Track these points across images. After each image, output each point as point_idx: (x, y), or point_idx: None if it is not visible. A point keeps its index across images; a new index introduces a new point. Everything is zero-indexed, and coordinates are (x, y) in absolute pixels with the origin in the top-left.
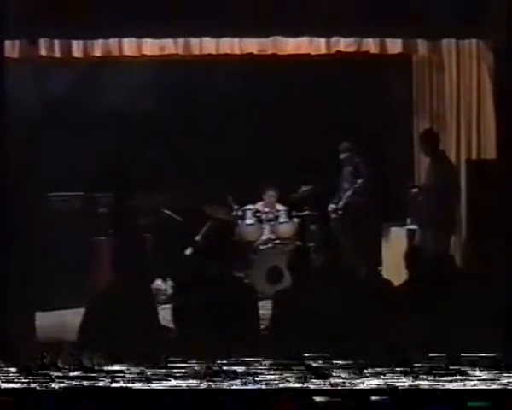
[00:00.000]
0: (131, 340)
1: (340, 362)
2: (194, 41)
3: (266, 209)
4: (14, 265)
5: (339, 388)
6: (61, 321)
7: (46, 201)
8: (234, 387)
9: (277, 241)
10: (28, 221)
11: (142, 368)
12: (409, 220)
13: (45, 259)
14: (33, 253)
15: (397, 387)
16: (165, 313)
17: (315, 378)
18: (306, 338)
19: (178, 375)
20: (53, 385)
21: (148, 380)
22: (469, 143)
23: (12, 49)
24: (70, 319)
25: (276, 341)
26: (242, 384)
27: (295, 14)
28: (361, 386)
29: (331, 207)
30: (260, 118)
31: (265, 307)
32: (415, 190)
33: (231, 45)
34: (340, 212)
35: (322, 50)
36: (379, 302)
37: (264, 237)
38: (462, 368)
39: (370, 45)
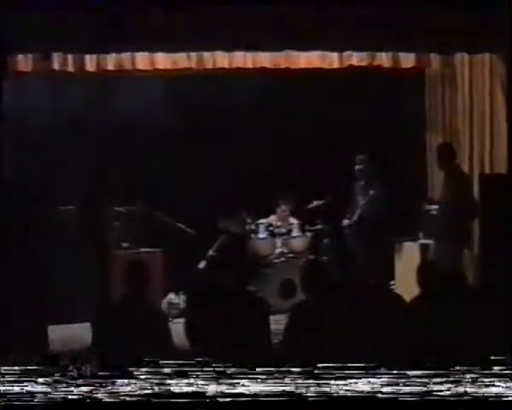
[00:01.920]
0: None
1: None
2: (206, 55)
3: (279, 223)
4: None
5: None
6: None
7: (57, 213)
8: None
9: (290, 255)
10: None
11: None
12: (421, 235)
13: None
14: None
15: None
16: (177, 328)
17: None
18: (319, 351)
19: None
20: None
21: None
22: (482, 157)
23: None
24: (80, 332)
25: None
26: None
27: (308, 29)
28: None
29: (345, 221)
30: (273, 131)
31: (278, 322)
32: (429, 204)
33: (244, 59)
34: (353, 226)
35: (335, 64)
36: (391, 316)
37: (277, 251)
38: None
39: (383, 59)
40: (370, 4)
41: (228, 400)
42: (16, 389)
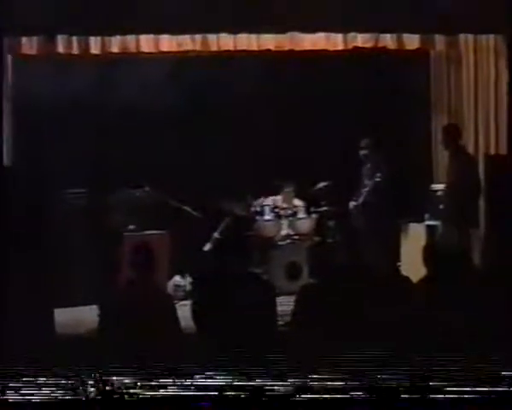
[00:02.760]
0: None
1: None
2: (211, 37)
3: (284, 205)
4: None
5: None
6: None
7: (64, 197)
8: None
9: (296, 237)
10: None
11: None
12: (427, 216)
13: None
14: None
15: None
16: (183, 310)
17: None
18: (325, 335)
19: None
20: None
21: None
22: (487, 138)
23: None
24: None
25: (296, 337)
26: None
27: (312, 10)
28: None
29: (352, 203)
30: (278, 114)
31: (284, 303)
32: (435, 185)
33: (249, 42)
34: (358, 208)
35: (340, 46)
36: (398, 298)
37: (282, 233)
38: None
39: (388, 41)
40: None
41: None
42: None
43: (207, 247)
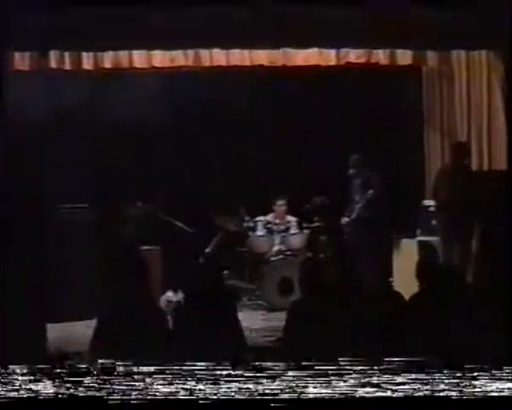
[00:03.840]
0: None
1: None
2: (204, 53)
3: (277, 221)
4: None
5: None
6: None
7: (57, 213)
8: None
9: (288, 252)
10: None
11: None
12: (419, 232)
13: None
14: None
15: None
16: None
17: None
18: (317, 348)
19: None
20: None
21: None
22: (480, 154)
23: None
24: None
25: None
26: None
27: (305, 26)
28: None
29: (344, 219)
30: (271, 129)
31: (277, 319)
32: (431, 201)
33: (241, 57)
34: (351, 224)
35: (332, 62)
36: (389, 314)
37: (274, 249)
38: None
39: (380, 57)
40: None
41: None
42: None
43: (200, 262)
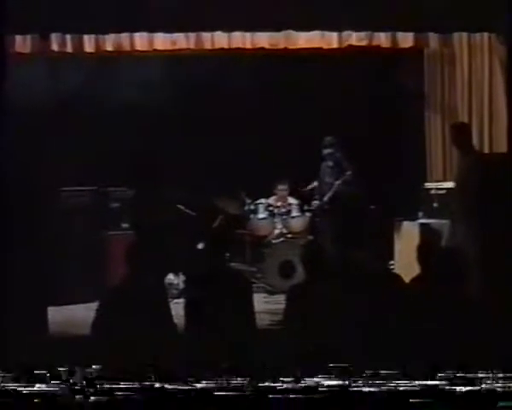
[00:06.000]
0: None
1: None
2: (205, 35)
3: (278, 203)
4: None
5: None
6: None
7: (58, 195)
8: None
9: (289, 235)
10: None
11: None
12: (421, 214)
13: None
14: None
15: None
16: (177, 308)
17: None
18: (317, 333)
19: None
20: None
21: None
22: (481, 137)
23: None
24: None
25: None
26: None
27: (307, 9)
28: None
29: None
30: (272, 112)
31: (278, 302)
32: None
33: (243, 40)
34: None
35: (334, 44)
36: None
37: (276, 232)
38: None
39: (382, 39)
40: None
41: None
42: None
43: (201, 245)
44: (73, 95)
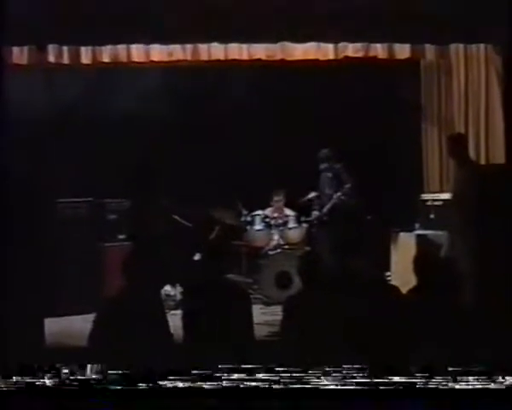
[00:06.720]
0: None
1: None
2: (202, 47)
3: (275, 215)
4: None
5: None
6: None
7: (55, 207)
8: None
9: (286, 246)
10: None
11: None
12: (418, 225)
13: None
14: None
15: None
16: (174, 319)
17: None
18: (315, 344)
19: None
20: None
21: None
22: (478, 148)
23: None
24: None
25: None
26: None
27: (303, 20)
28: None
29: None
30: (269, 123)
31: (274, 313)
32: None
33: (240, 51)
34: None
35: (330, 56)
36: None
37: (273, 243)
38: None
39: (378, 50)
40: None
41: None
42: None
43: (197, 256)
44: (70, 106)
